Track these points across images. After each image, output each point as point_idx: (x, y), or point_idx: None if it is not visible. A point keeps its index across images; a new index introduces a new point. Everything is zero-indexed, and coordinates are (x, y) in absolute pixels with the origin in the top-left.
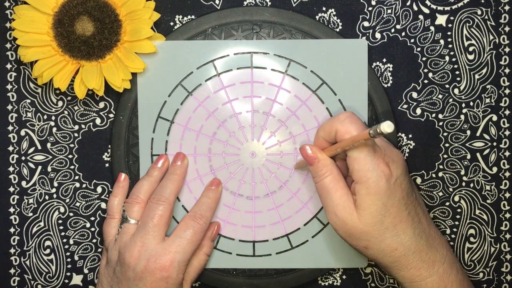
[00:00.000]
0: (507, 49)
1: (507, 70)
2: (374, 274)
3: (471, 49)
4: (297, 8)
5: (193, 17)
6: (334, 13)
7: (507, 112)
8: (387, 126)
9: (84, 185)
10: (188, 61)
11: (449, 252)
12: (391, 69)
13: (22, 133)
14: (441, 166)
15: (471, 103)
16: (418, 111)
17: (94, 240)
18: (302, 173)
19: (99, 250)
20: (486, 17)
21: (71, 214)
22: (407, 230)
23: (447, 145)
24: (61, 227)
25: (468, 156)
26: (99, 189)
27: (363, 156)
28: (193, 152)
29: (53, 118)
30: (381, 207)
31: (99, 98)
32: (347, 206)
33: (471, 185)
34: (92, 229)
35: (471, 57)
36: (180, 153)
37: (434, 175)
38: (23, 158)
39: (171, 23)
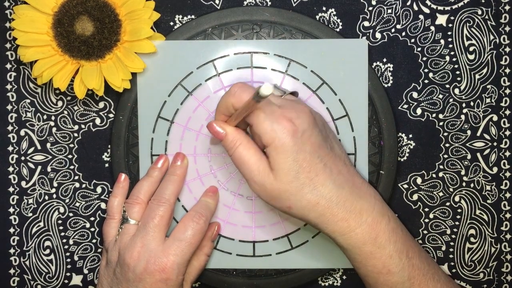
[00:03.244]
0: (507, 49)
1: (507, 70)
2: None
3: (471, 49)
4: (297, 8)
5: (193, 17)
6: (334, 13)
7: (507, 112)
8: (265, 89)
9: (84, 185)
10: (188, 61)
11: (378, 201)
12: (391, 69)
13: (22, 133)
14: (441, 166)
15: (472, 103)
16: (419, 111)
17: (94, 241)
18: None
19: (99, 250)
20: (487, 17)
21: (70, 214)
22: (326, 182)
23: (447, 145)
24: (60, 227)
25: (469, 156)
26: (99, 189)
27: (262, 120)
28: (193, 152)
29: (52, 118)
30: (292, 163)
31: (99, 98)
32: (262, 170)
33: (472, 185)
34: (92, 229)
35: (471, 57)
36: (180, 153)
37: (434, 175)
38: (22, 158)
39: (171, 23)
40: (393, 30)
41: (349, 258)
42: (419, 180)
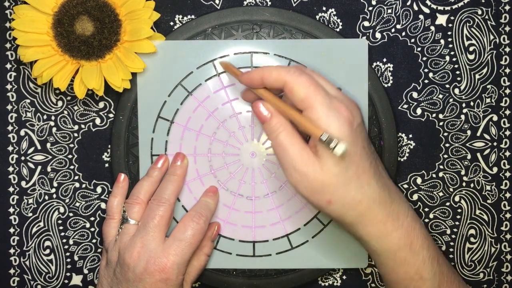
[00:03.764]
0: (507, 49)
1: (507, 70)
2: (374, 274)
3: (471, 49)
4: (297, 8)
5: (193, 17)
6: (334, 13)
7: (507, 112)
8: (340, 150)
9: (84, 185)
10: (188, 61)
11: (410, 207)
12: (391, 69)
13: (22, 133)
14: (441, 166)
15: (472, 103)
16: (419, 111)
17: (94, 240)
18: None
19: (99, 250)
20: (487, 17)
21: (70, 214)
22: (371, 181)
23: (447, 145)
24: (60, 227)
25: (469, 156)
26: (99, 189)
27: (320, 103)
28: (193, 152)
29: (52, 118)
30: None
31: (99, 98)
32: (306, 159)
33: (472, 185)
34: (92, 229)
35: (471, 57)
36: (179, 153)
37: (434, 175)
38: (22, 158)
39: (171, 23)
40: (393, 30)
41: (379, 264)
42: (419, 180)
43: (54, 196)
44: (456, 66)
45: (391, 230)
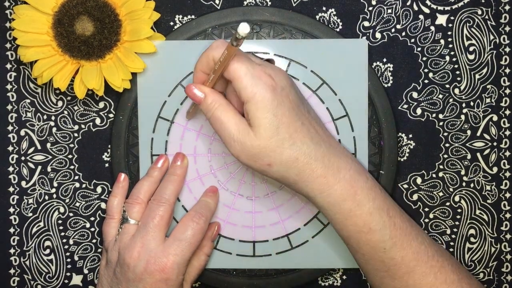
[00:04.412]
0: (507, 49)
1: (507, 70)
2: None
3: (471, 49)
4: (297, 8)
5: (193, 17)
6: (334, 13)
7: (507, 112)
8: (243, 27)
9: (84, 185)
10: (188, 61)
11: (355, 162)
12: (391, 69)
13: (22, 133)
14: (441, 166)
15: (472, 103)
16: (419, 111)
17: (94, 240)
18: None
19: (99, 250)
20: (487, 17)
21: (71, 214)
22: (304, 139)
23: (447, 145)
24: (61, 227)
25: (469, 156)
26: (99, 189)
27: (244, 73)
28: (193, 152)
29: (53, 118)
30: (272, 118)
31: (99, 98)
32: (241, 129)
33: (472, 185)
34: (92, 229)
35: (471, 57)
36: (179, 153)
37: (434, 175)
38: (23, 158)
39: (171, 23)
40: (393, 30)
41: (330, 220)
42: (419, 180)
43: (54, 196)
44: (456, 66)
45: (332, 183)
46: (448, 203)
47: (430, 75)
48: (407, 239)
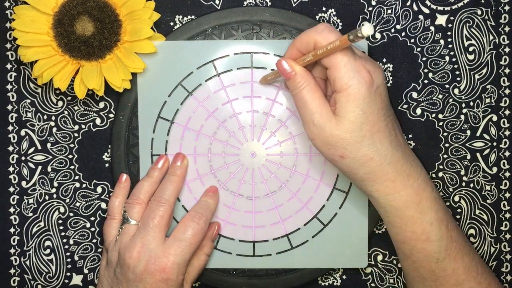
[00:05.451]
0: (507, 49)
1: (507, 70)
2: (374, 274)
3: (471, 49)
4: (297, 8)
5: (193, 17)
6: (334, 13)
7: (507, 112)
8: (367, 28)
9: (84, 185)
10: (188, 61)
11: (424, 171)
12: (391, 69)
13: (22, 133)
14: (441, 166)
15: (471, 103)
16: (418, 111)
17: (94, 240)
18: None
19: (99, 250)
20: (486, 17)
21: (71, 214)
22: (384, 140)
23: (447, 145)
24: (61, 227)
25: (468, 156)
26: (99, 189)
27: (344, 64)
28: (193, 152)
29: (53, 118)
30: (360, 114)
31: (99, 98)
32: (324, 113)
33: (471, 185)
34: (92, 229)
35: (471, 57)
36: (179, 154)
37: (434, 175)
38: (23, 158)
39: (171, 23)
40: (393, 30)
41: (388, 223)
42: None
43: (55, 196)
44: (455, 66)
45: (399, 189)
46: (448, 203)
47: (430, 75)
48: (461, 253)
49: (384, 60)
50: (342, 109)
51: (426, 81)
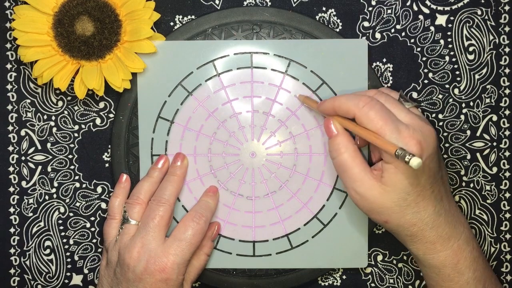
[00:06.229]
0: (507, 49)
1: (507, 70)
2: (374, 274)
3: (471, 49)
4: (297, 8)
5: (193, 17)
6: (334, 13)
7: (507, 112)
8: (416, 163)
9: (84, 185)
10: (188, 61)
11: (466, 229)
12: (391, 69)
13: (22, 133)
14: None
15: (471, 103)
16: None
17: (94, 240)
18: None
19: (99, 250)
20: (486, 17)
21: (71, 214)
22: (428, 207)
23: (447, 145)
24: (61, 227)
25: (468, 156)
26: (99, 189)
27: (388, 137)
28: (193, 152)
29: (53, 118)
30: (407, 186)
31: (99, 98)
32: (366, 181)
33: (471, 185)
34: (92, 229)
35: (471, 57)
36: (179, 154)
37: None
38: (23, 158)
39: (171, 23)
40: (393, 30)
41: (425, 274)
42: None
43: (55, 196)
44: (455, 66)
45: (439, 250)
46: None
47: (430, 75)
48: None
49: (384, 60)
50: (389, 180)
51: (426, 81)
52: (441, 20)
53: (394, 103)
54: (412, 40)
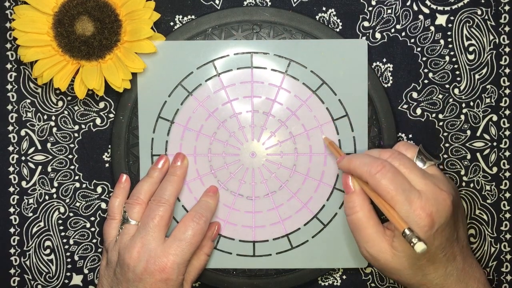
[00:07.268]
0: (507, 49)
1: (507, 70)
2: (374, 274)
3: (471, 49)
4: (297, 8)
5: (193, 17)
6: (334, 13)
7: (507, 112)
8: (420, 249)
9: (84, 185)
10: (188, 61)
11: (481, 285)
12: (391, 69)
13: (22, 133)
14: (441, 166)
15: (471, 103)
16: (418, 111)
17: (94, 240)
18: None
19: (99, 250)
20: (486, 17)
21: (71, 214)
22: (439, 269)
23: (447, 145)
24: (61, 227)
25: (468, 156)
26: (99, 189)
27: (399, 207)
28: (193, 152)
29: (53, 118)
30: (419, 255)
31: (99, 98)
32: (377, 243)
33: (471, 185)
34: (92, 229)
35: (471, 57)
36: (179, 154)
37: None
38: (23, 158)
39: (171, 23)
40: (393, 30)
41: None
42: None
43: (55, 196)
44: (456, 66)
45: None
46: None
47: (430, 75)
48: None
49: (384, 60)
50: (400, 246)
51: (426, 81)
52: (441, 20)
53: (409, 167)
54: (412, 40)
